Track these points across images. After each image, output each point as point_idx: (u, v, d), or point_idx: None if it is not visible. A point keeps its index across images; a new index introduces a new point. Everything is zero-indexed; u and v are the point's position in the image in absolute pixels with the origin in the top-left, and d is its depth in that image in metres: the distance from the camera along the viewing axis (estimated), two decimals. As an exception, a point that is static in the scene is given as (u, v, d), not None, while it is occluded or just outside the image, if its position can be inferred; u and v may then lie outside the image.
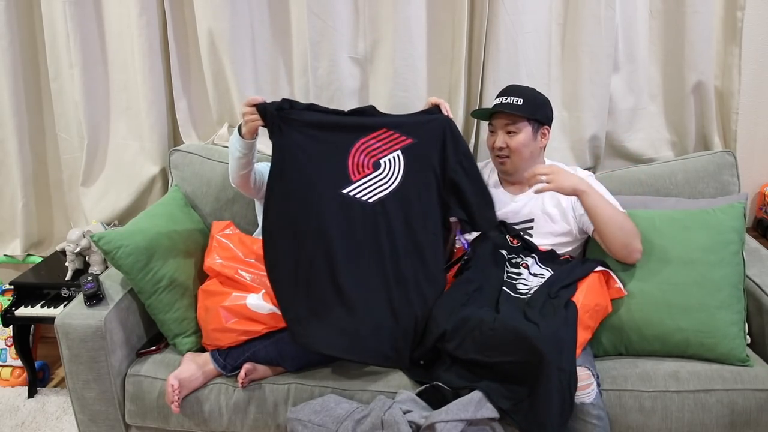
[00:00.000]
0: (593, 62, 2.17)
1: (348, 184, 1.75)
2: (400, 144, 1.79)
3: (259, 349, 1.73)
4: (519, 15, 2.13)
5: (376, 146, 1.78)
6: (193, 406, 1.74)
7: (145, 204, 2.46)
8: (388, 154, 1.78)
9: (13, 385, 2.49)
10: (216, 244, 1.86)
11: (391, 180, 1.78)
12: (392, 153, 1.79)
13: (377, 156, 1.78)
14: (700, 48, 2.13)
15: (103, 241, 1.77)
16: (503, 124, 1.84)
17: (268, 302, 1.70)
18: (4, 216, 2.60)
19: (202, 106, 2.44)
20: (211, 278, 1.83)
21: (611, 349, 1.76)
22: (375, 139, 1.78)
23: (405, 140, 1.80)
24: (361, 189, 1.76)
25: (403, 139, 1.80)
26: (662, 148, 2.28)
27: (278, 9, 2.29)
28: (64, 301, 2.25)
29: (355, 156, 1.76)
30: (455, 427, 1.48)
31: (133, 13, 2.26)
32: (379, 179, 1.77)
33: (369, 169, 1.77)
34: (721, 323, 1.67)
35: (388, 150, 1.79)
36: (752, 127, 2.27)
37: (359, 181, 1.76)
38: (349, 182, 1.75)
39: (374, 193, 1.76)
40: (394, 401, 1.60)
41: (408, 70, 2.23)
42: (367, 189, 1.76)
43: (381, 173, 1.78)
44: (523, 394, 1.53)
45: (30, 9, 2.38)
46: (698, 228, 1.76)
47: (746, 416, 1.58)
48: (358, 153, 1.77)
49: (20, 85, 2.40)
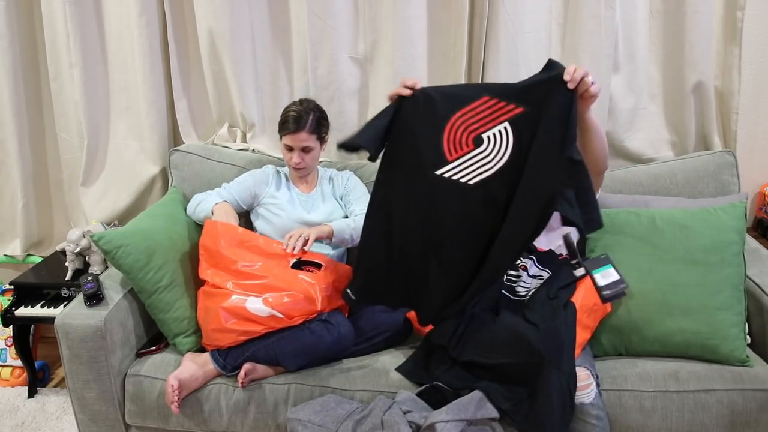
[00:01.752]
0: (593, 62, 2.16)
1: (443, 164, 1.52)
2: (507, 114, 1.48)
3: (258, 348, 1.73)
4: (519, 15, 2.13)
5: (476, 118, 1.50)
6: (193, 406, 1.74)
7: (145, 204, 2.46)
8: (493, 127, 1.49)
9: (13, 385, 2.49)
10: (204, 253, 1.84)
11: (497, 158, 1.49)
12: (497, 126, 1.48)
13: (478, 130, 1.49)
14: (700, 48, 2.13)
15: (103, 241, 1.77)
16: None
17: (268, 306, 1.70)
18: (4, 216, 2.60)
19: (202, 106, 2.44)
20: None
21: (611, 350, 1.76)
22: (475, 110, 1.50)
23: (514, 109, 1.47)
24: (459, 169, 1.52)
25: (511, 107, 1.47)
26: (662, 148, 2.28)
27: (278, 9, 2.29)
28: (64, 301, 2.25)
29: (451, 132, 1.51)
30: (455, 427, 1.48)
31: (133, 13, 2.26)
32: (481, 157, 1.50)
33: (468, 146, 1.51)
34: (721, 324, 1.67)
35: (492, 122, 1.49)
36: (752, 127, 2.26)
37: (456, 161, 1.52)
38: (445, 162, 1.52)
39: (475, 174, 1.51)
40: (394, 401, 1.60)
41: (408, 70, 2.23)
42: (466, 169, 1.52)
43: (484, 150, 1.50)
44: (523, 395, 1.53)
45: (30, 9, 2.38)
46: (699, 228, 1.76)
47: (746, 416, 1.58)
48: (455, 128, 1.51)
49: (20, 85, 2.40)
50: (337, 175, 2.16)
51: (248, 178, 2.09)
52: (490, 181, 1.50)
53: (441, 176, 1.52)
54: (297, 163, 2.01)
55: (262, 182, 2.08)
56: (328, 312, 1.79)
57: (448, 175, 1.52)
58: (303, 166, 2.02)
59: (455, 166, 1.52)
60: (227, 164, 2.25)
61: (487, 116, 1.49)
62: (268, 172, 2.11)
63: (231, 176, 2.20)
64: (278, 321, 1.71)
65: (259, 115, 2.37)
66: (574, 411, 1.53)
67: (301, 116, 1.96)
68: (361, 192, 2.11)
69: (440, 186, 1.53)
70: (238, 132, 2.42)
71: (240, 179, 2.10)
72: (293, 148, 1.99)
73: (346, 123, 2.35)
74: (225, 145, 2.39)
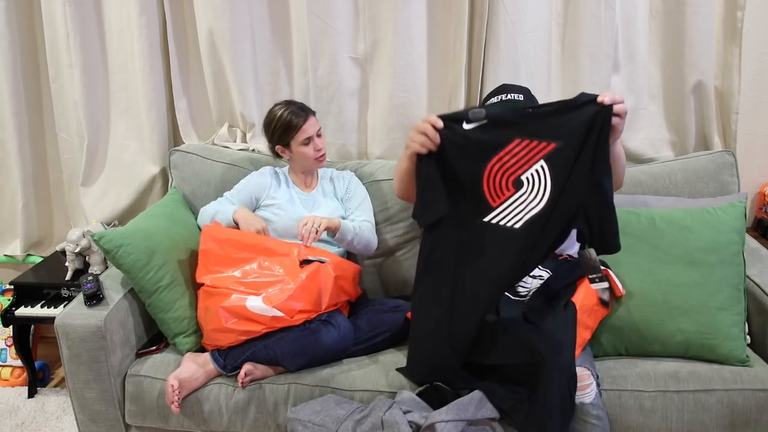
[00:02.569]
0: (593, 62, 2.17)
1: (489, 211, 1.53)
2: (541, 153, 1.49)
3: (259, 348, 1.73)
4: (519, 15, 2.13)
5: (512, 162, 1.50)
6: (193, 406, 1.74)
7: (145, 204, 2.46)
8: (530, 167, 1.49)
9: (13, 385, 2.49)
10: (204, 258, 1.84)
11: (539, 196, 1.49)
12: (534, 165, 1.49)
13: (517, 173, 1.50)
14: (700, 48, 2.13)
15: (104, 240, 1.77)
16: None
17: (268, 304, 1.70)
18: (4, 216, 2.60)
19: (202, 106, 2.44)
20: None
21: (611, 351, 1.76)
22: (509, 154, 1.50)
23: (546, 146, 1.48)
24: (505, 214, 1.52)
25: (543, 145, 1.48)
26: (662, 148, 2.28)
27: (278, 9, 2.29)
28: (64, 301, 2.25)
29: (491, 179, 1.52)
30: (455, 427, 1.48)
31: (133, 13, 2.26)
32: (523, 199, 1.50)
33: (510, 191, 1.51)
34: (721, 325, 1.67)
35: (528, 163, 1.49)
36: (752, 127, 2.27)
37: (501, 206, 1.52)
38: (490, 209, 1.53)
39: (521, 216, 1.51)
40: (394, 401, 1.60)
41: (408, 70, 2.23)
42: (511, 213, 1.52)
43: (525, 192, 1.50)
44: (524, 395, 1.53)
45: (30, 9, 2.38)
46: (699, 227, 1.76)
47: (746, 416, 1.58)
48: (493, 174, 1.52)
49: (20, 85, 2.40)
50: (337, 176, 2.16)
51: (247, 184, 2.09)
52: (537, 220, 1.50)
53: (489, 223, 1.53)
54: (321, 149, 2.02)
55: (262, 185, 2.07)
56: (328, 312, 1.79)
57: (495, 221, 1.52)
58: (325, 151, 2.04)
59: (500, 211, 1.53)
60: (227, 164, 2.25)
61: (522, 158, 1.50)
62: (266, 173, 2.11)
63: (231, 176, 2.20)
64: (279, 320, 1.70)
65: (259, 115, 2.37)
66: (574, 411, 1.53)
67: (298, 106, 2.00)
68: (362, 197, 2.11)
69: (490, 232, 1.53)
70: (238, 132, 2.42)
71: (239, 187, 2.09)
72: (311, 138, 1.99)
73: (345, 123, 2.35)
74: (225, 145, 2.39)
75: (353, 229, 1.97)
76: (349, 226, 1.96)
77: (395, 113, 2.29)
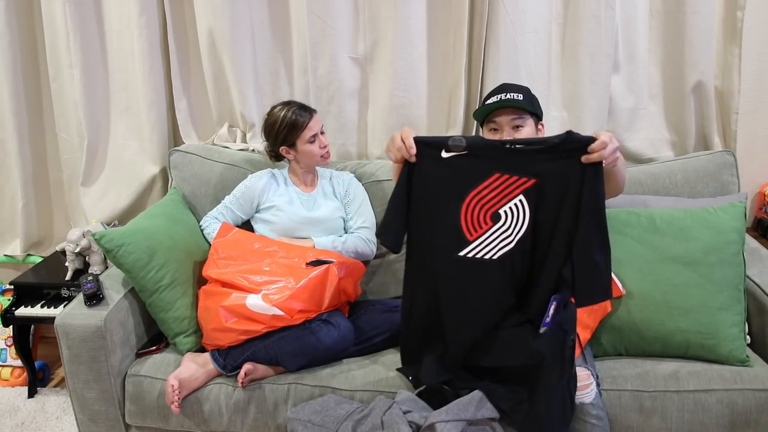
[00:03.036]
0: (593, 62, 2.17)
1: (465, 245, 1.53)
2: (520, 187, 1.50)
3: (259, 348, 1.73)
4: (519, 15, 2.13)
5: (491, 196, 1.51)
6: (193, 406, 1.74)
7: (145, 204, 2.46)
8: (508, 201, 1.50)
9: (13, 385, 2.49)
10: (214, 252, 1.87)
11: (516, 229, 1.51)
12: (513, 199, 1.50)
13: (495, 207, 1.51)
14: (700, 48, 2.13)
15: (104, 240, 1.78)
16: (509, 120, 1.80)
17: (268, 303, 1.70)
18: (4, 216, 2.60)
19: (202, 106, 2.44)
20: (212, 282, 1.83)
21: (611, 351, 1.76)
22: (488, 188, 1.51)
23: (526, 182, 1.49)
24: (481, 248, 1.53)
25: (524, 180, 1.49)
26: (662, 148, 2.28)
27: (278, 9, 2.29)
28: (64, 301, 2.25)
29: (468, 212, 1.52)
30: (455, 427, 1.48)
31: (133, 13, 2.26)
32: (501, 232, 1.52)
33: (487, 224, 1.52)
34: (721, 325, 1.67)
35: (507, 197, 1.50)
36: (752, 127, 2.27)
37: (477, 240, 1.53)
38: (466, 243, 1.53)
39: (497, 249, 1.53)
40: (394, 401, 1.60)
41: (408, 70, 2.23)
42: (488, 246, 1.53)
43: (502, 225, 1.51)
44: (523, 395, 1.53)
45: (30, 9, 2.38)
46: (699, 227, 1.76)
47: (746, 416, 1.58)
48: (470, 208, 1.52)
49: (20, 85, 2.40)
50: (337, 176, 2.16)
51: (246, 190, 2.08)
52: (512, 253, 1.52)
53: (464, 257, 1.53)
54: (326, 146, 2.04)
55: (260, 189, 2.07)
56: (328, 312, 1.79)
57: (471, 255, 1.53)
58: (329, 147, 2.06)
59: (477, 245, 1.53)
60: (227, 164, 2.25)
61: (500, 192, 1.51)
62: (264, 176, 2.10)
63: (231, 176, 2.20)
64: (279, 319, 1.70)
65: (259, 115, 2.37)
66: (574, 411, 1.53)
67: (300, 106, 2.01)
68: (361, 199, 2.11)
69: (465, 267, 1.53)
70: (238, 132, 2.42)
71: (237, 194, 2.09)
72: (316, 135, 2.01)
73: (345, 123, 2.35)
74: (225, 145, 2.39)
75: (333, 246, 1.98)
76: (326, 243, 1.98)
77: (395, 113, 2.29)
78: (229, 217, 2.08)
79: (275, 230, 2.02)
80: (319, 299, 1.76)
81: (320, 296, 1.76)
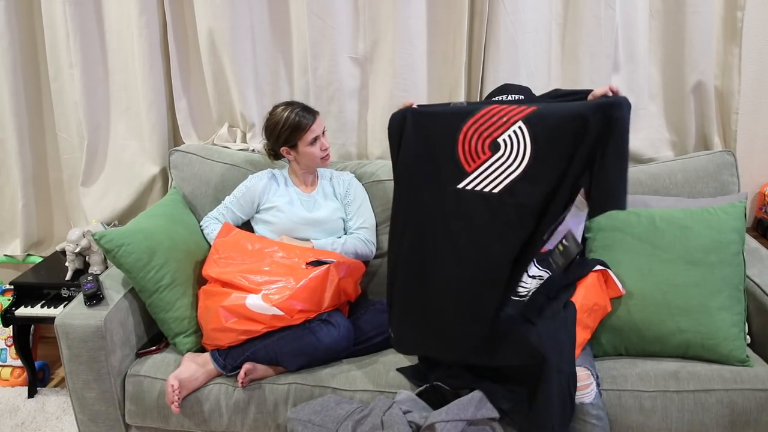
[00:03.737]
0: (593, 62, 2.17)
1: (463, 176, 1.46)
2: (519, 114, 1.42)
3: (258, 348, 1.73)
4: (519, 15, 2.13)
5: (488, 124, 1.44)
6: (193, 406, 1.74)
7: (145, 204, 2.46)
8: (506, 129, 1.42)
9: (13, 385, 2.49)
10: (214, 251, 1.87)
11: (518, 159, 1.41)
12: (511, 127, 1.41)
13: (493, 135, 1.43)
14: (700, 48, 2.13)
15: (104, 240, 1.78)
16: None
17: (268, 303, 1.70)
18: (4, 216, 2.60)
19: (202, 106, 2.44)
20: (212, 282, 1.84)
21: (611, 351, 1.76)
22: (485, 116, 1.44)
23: (525, 109, 1.41)
24: (481, 179, 1.45)
25: (522, 108, 1.42)
26: (662, 148, 2.28)
27: (278, 9, 2.29)
28: (64, 301, 2.25)
29: (465, 142, 1.45)
30: (455, 427, 1.48)
31: (133, 13, 2.26)
32: (501, 162, 1.43)
33: (486, 154, 1.44)
34: (721, 325, 1.67)
35: (505, 125, 1.42)
36: (752, 127, 2.27)
37: (476, 171, 1.45)
38: (465, 174, 1.46)
39: (498, 180, 1.44)
40: (394, 401, 1.60)
41: (408, 70, 2.23)
42: (488, 177, 1.45)
43: (502, 155, 1.43)
44: (524, 395, 1.53)
45: (30, 9, 2.38)
46: (699, 227, 1.76)
47: (746, 416, 1.58)
48: (468, 138, 1.45)
49: (20, 85, 2.40)
50: (337, 176, 2.16)
51: (246, 191, 2.09)
52: (515, 183, 1.42)
53: (463, 189, 1.46)
54: (327, 148, 2.04)
55: (261, 190, 2.07)
56: (328, 312, 1.79)
57: (470, 187, 1.46)
58: (330, 149, 2.07)
59: (476, 176, 1.46)
60: (227, 164, 2.25)
61: (498, 120, 1.44)
62: (264, 177, 2.10)
63: (231, 176, 2.20)
64: (279, 319, 1.71)
65: (259, 115, 2.37)
66: (574, 411, 1.53)
67: (303, 107, 2.00)
68: (361, 200, 2.11)
69: (464, 199, 1.46)
70: (238, 132, 2.42)
71: (238, 194, 2.09)
72: (318, 136, 2.01)
73: (346, 123, 2.35)
74: (225, 145, 2.39)
75: (330, 249, 1.98)
76: (324, 246, 1.98)
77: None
78: (229, 218, 2.08)
79: (275, 231, 2.02)
80: (319, 299, 1.76)
81: (320, 296, 1.76)
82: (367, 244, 2.05)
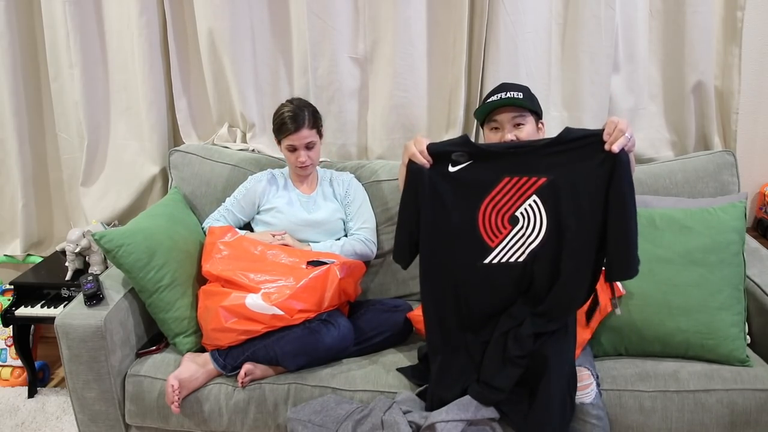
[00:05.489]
0: (593, 62, 2.17)
1: (488, 252, 1.54)
2: (532, 187, 1.50)
3: (258, 348, 1.73)
4: (519, 15, 2.13)
5: (504, 200, 1.52)
6: (193, 406, 1.74)
7: (145, 204, 2.46)
8: (522, 203, 1.51)
9: (13, 385, 2.49)
10: (215, 251, 1.87)
11: (536, 229, 1.51)
12: (527, 200, 1.50)
13: (510, 210, 1.52)
14: (700, 48, 2.13)
15: (104, 240, 1.77)
16: (510, 118, 1.80)
17: (268, 302, 1.70)
18: (4, 216, 2.60)
19: (202, 106, 2.44)
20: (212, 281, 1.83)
21: (611, 351, 1.76)
22: (501, 193, 1.52)
23: (537, 181, 1.50)
24: (505, 252, 1.54)
25: (534, 180, 1.50)
26: (662, 148, 2.28)
27: (278, 9, 2.29)
28: (64, 301, 2.25)
29: (485, 220, 1.53)
30: (455, 427, 1.48)
31: (133, 13, 2.26)
32: (521, 234, 1.52)
33: (506, 228, 1.52)
34: (721, 324, 1.67)
35: (520, 199, 1.51)
36: (752, 127, 2.27)
37: (499, 246, 1.53)
38: (489, 250, 1.54)
39: (522, 251, 1.52)
40: (394, 401, 1.60)
41: (408, 70, 2.23)
42: (511, 249, 1.53)
43: (522, 227, 1.52)
44: (524, 396, 1.53)
45: (30, 9, 2.38)
46: (699, 227, 1.76)
47: (746, 416, 1.58)
48: (487, 215, 1.53)
49: (20, 85, 2.40)
50: (337, 177, 2.15)
51: (246, 192, 2.09)
52: (537, 251, 1.51)
53: (490, 264, 1.54)
54: (303, 162, 1.99)
55: (260, 191, 2.07)
56: (328, 312, 1.79)
57: (496, 261, 1.54)
58: (309, 164, 2.01)
59: (500, 250, 1.54)
60: (227, 164, 2.25)
61: (513, 194, 1.51)
62: (263, 179, 2.10)
63: (231, 176, 2.20)
64: (279, 319, 1.70)
65: (259, 115, 2.37)
66: (574, 411, 1.53)
67: (297, 114, 1.95)
68: (361, 200, 2.11)
69: (491, 273, 1.54)
70: (238, 132, 2.42)
71: (238, 196, 2.09)
72: (297, 148, 1.98)
73: (346, 123, 2.35)
74: (225, 145, 2.39)
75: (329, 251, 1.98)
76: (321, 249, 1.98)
77: (395, 113, 2.29)
78: (230, 219, 2.08)
79: (275, 231, 2.02)
80: (319, 299, 1.76)
81: (320, 296, 1.76)
82: (368, 244, 2.05)
